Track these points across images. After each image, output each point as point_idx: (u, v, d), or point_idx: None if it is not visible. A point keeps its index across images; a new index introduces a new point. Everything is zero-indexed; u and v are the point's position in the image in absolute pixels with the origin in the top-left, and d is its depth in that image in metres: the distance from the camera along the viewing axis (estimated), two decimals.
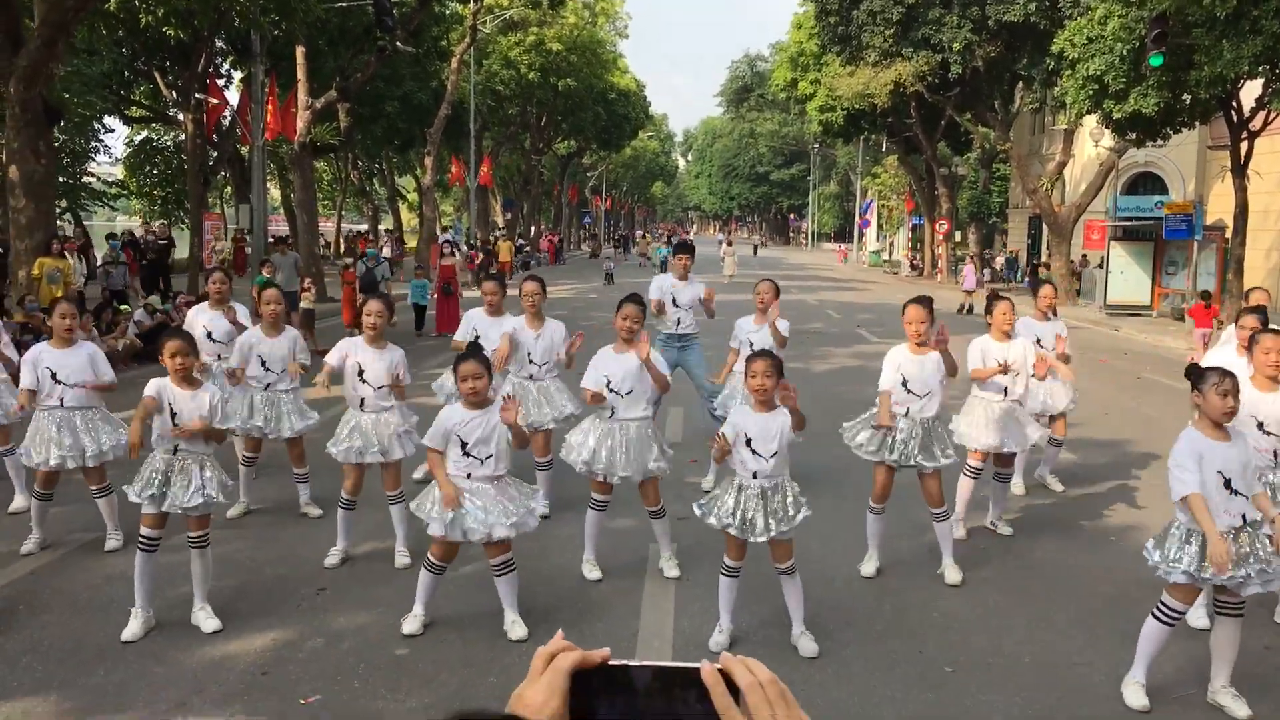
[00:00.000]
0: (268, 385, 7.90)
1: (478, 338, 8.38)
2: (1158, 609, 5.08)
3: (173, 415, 5.77)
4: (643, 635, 5.80)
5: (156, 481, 5.76)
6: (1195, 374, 5.03)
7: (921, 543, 7.40)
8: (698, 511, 5.69)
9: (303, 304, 18.11)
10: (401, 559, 6.91)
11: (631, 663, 1.00)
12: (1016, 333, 7.84)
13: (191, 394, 5.84)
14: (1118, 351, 20.17)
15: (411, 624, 5.76)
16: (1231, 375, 4.91)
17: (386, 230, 46.04)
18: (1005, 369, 7.20)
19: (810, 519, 5.64)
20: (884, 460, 6.69)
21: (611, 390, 6.53)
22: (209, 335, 8.53)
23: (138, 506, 5.82)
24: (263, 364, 7.89)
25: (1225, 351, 7.12)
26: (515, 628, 5.73)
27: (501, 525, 5.56)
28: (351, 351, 6.94)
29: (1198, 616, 6.00)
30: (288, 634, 5.74)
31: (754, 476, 5.47)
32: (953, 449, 6.79)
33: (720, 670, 0.99)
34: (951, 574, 6.70)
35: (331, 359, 6.95)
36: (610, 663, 1.01)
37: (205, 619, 5.80)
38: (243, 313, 8.97)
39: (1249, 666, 5.26)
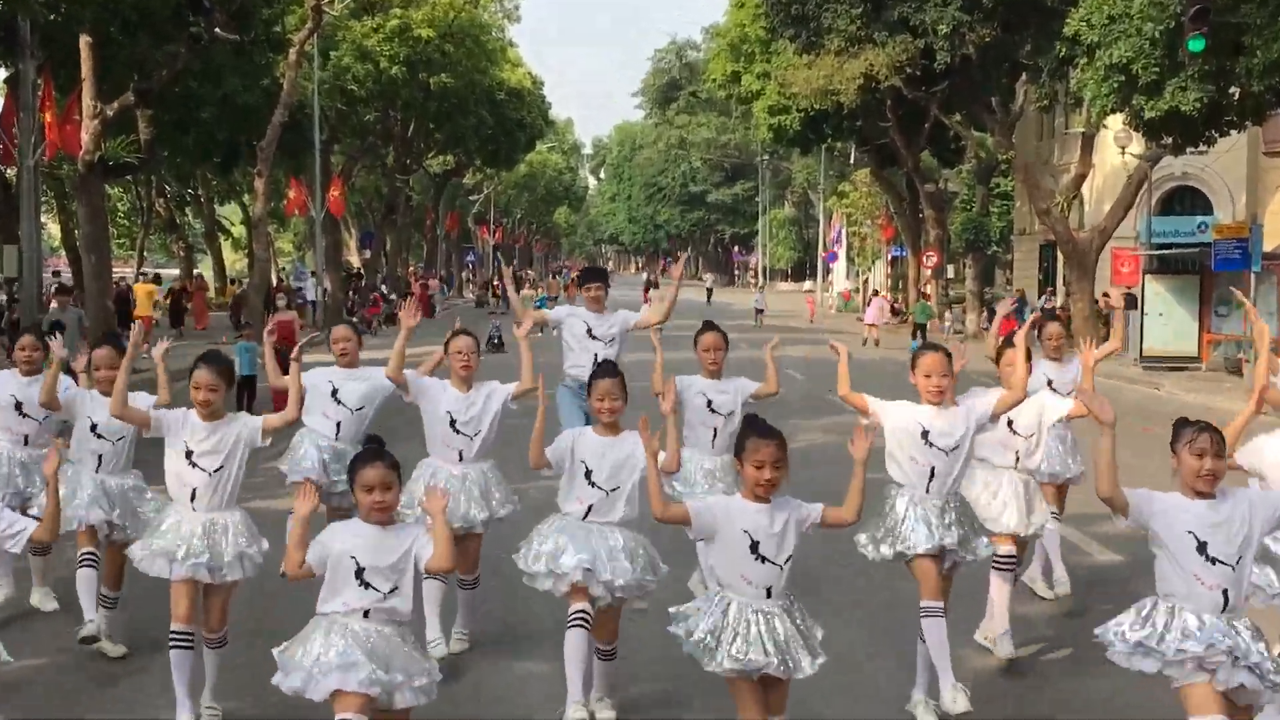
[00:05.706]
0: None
1: (335, 391, 8.32)
2: None
3: None
4: None
5: None
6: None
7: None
8: (695, 652, 5.23)
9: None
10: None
11: None
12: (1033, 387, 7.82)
13: None
14: (1163, 417, 20.31)
15: None
16: (1207, 432, 5.22)
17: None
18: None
19: None
20: (933, 549, 6.51)
21: (593, 485, 6.37)
22: (18, 407, 8.35)
23: None
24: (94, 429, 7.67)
25: None
26: None
27: (408, 690, 5.04)
28: (182, 426, 6.48)
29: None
30: None
31: (768, 595, 5.16)
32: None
33: None
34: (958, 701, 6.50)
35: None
36: None
37: None
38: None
39: None
